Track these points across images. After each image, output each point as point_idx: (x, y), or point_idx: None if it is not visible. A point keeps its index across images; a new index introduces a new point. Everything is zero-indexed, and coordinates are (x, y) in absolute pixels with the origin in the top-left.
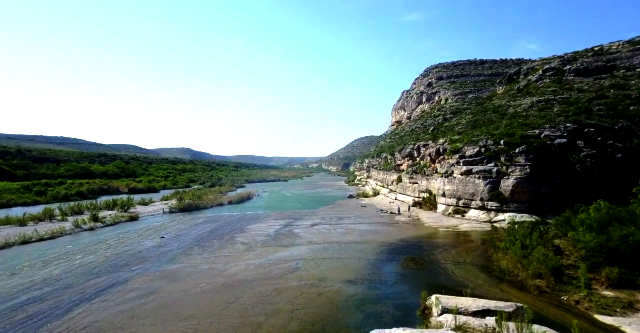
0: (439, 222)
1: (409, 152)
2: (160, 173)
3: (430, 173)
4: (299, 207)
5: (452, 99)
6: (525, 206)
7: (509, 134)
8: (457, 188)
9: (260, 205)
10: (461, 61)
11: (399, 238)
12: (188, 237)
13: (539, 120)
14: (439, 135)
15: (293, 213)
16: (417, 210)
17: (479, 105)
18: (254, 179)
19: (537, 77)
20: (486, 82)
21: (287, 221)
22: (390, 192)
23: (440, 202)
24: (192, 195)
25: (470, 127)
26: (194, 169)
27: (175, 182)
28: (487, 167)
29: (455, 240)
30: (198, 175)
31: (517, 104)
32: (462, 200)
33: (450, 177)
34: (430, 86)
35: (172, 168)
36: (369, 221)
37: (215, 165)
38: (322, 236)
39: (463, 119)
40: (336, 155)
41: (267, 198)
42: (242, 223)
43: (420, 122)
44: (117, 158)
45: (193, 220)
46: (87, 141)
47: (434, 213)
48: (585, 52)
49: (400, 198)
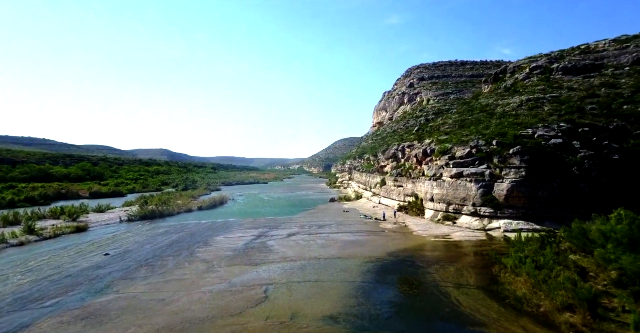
0: (428, 229)
1: (392, 153)
2: (130, 176)
3: (416, 176)
4: (276, 212)
5: (434, 100)
6: (520, 212)
7: (500, 134)
8: (446, 193)
9: (233, 210)
10: (442, 62)
11: (387, 251)
12: (139, 253)
13: (530, 119)
14: (424, 135)
15: (268, 221)
16: (404, 216)
17: (465, 104)
18: (231, 182)
19: (524, 76)
20: (467, 83)
21: (261, 230)
22: (374, 196)
23: (429, 207)
24: (158, 200)
25: (457, 127)
26: (168, 171)
27: (145, 184)
28: (479, 169)
29: (450, 253)
30: (172, 178)
31: (505, 103)
32: (452, 205)
33: (439, 180)
34: (412, 87)
35: (145, 170)
36: (353, 229)
37: (192, 167)
38: (300, 249)
39: (449, 119)
40: (317, 156)
41: (242, 202)
42: (209, 233)
43: (402, 123)
44: (85, 159)
45: (153, 230)
46: (57, 142)
47: (421, 220)
48: (571, 51)
49: (384, 202)
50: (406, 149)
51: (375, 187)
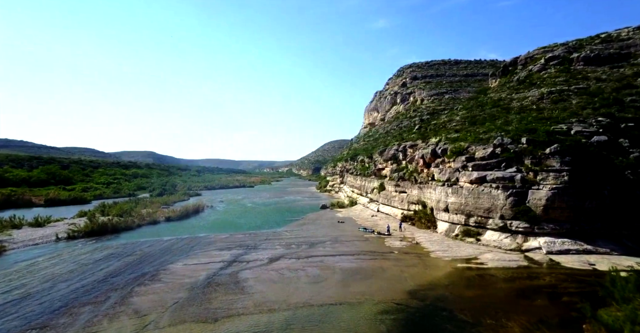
0: (448, 250)
1: (392, 154)
2: (102, 180)
3: (424, 181)
4: (258, 224)
5: (428, 100)
6: (564, 227)
7: (529, 130)
8: (465, 201)
9: (208, 222)
10: (435, 61)
11: (407, 288)
12: (41, 300)
13: (560, 113)
14: (429, 134)
15: (247, 237)
16: (411, 229)
17: (472, 99)
18: (214, 185)
19: (540, 67)
20: (462, 83)
21: (236, 252)
22: (371, 202)
23: (442, 218)
24: (118, 209)
25: (468, 124)
26: (148, 174)
27: (118, 189)
28: (507, 173)
29: (494, 290)
30: (152, 181)
31: (521, 97)
32: (473, 218)
33: (455, 185)
34: (404, 86)
35: (122, 173)
36: (353, 249)
37: (175, 170)
38: (284, 287)
39: (455, 115)
40: (307, 159)
41: (221, 210)
42: (165, 258)
43: (395, 124)
44: (55, 161)
45: (92, 253)
46: (36, 144)
47: (434, 234)
48: (590, 40)
49: (384, 210)
50: (408, 149)
51: (373, 192)
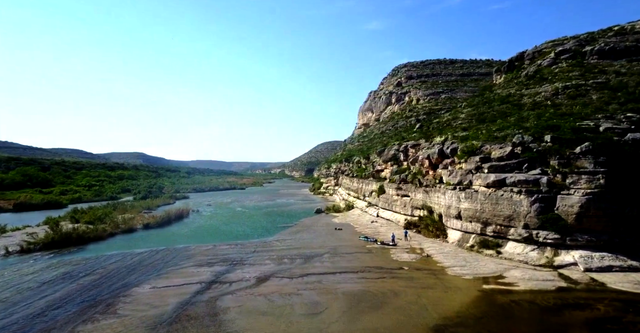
0: (466, 264)
1: (392, 155)
2: (84, 182)
3: (430, 184)
4: (246, 232)
5: (424, 99)
6: (602, 238)
7: (551, 127)
8: (481, 208)
9: (191, 229)
10: (430, 60)
11: (430, 323)
12: None
13: (580, 109)
14: (432, 132)
15: (233, 249)
16: (418, 238)
17: (477, 96)
18: (203, 188)
19: (550, 61)
20: (458, 82)
21: (218, 269)
22: (370, 206)
23: (454, 226)
24: (91, 215)
25: (475, 122)
26: (135, 176)
27: (99, 192)
28: (530, 175)
29: (543, 328)
30: (138, 183)
31: (532, 93)
32: (491, 226)
33: (469, 189)
34: (399, 86)
35: (106, 175)
36: (355, 264)
37: (163, 172)
38: (274, 322)
39: (460, 113)
40: (299, 160)
41: (208, 215)
42: (132, 277)
43: (390, 124)
44: (35, 163)
45: (44, 271)
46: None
47: (445, 244)
48: (603, 33)
49: (384, 216)
50: (410, 149)
51: (371, 195)
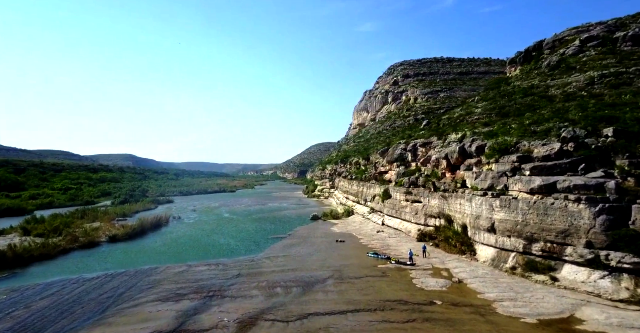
0: (516, 296)
1: (398, 154)
2: (59, 185)
3: (449, 188)
4: (231, 246)
5: (422, 98)
6: None
7: (607, 119)
8: (523, 219)
9: (166, 242)
10: (427, 59)
11: None
12: None
13: (630, 98)
14: (445, 129)
15: (213, 271)
16: (437, 252)
17: (491, 90)
18: (190, 191)
19: (576, 49)
20: (457, 81)
21: (187, 306)
22: (373, 212)
23: (485, 241)
24: (48, 225)
25: (497, 116)
26: (119, 178)
27: (75, 196)
28: (590, 179)
29: None
30: (120, 186)
31: (561, 83)
32: (538, 243)
33: (505, 196)
34: (396, 85)
35: (87, 177)
36: (371, 298)
37: (151, 173)
38: None
39: (474, 108)
40: (292, 161)
41: (190, 223)
42: (60, 324)
43: (387, 124)
44: (9, 164)
45: None
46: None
47: (474, 263)
48: (632, 18)
49: (391, 224)
50: (419, 148)
51: (374, 200)
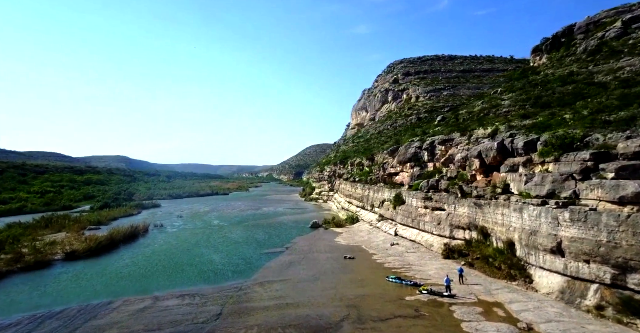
0: None
1: (412, 153)
2: (36, 188)
3: (487, 195)
4: (215, 265)
5: (424, 97)
6: None
7: None
8: (609, 239)
9: (136, 260)
10: (428, 56)
11: None
12: None
13: None
14: (468, 124)
15: (184, 307)
16: (476, 276)
17: (516, 80)
18: (181, 194)
19: (618, 32)
20: (460, 79)
21: None
22: (383, 220)
23: (547, 265)
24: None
25: (533, 107)
26: (106, 181)
27: (52, 200)
28: None
29: None
30: (106, 189)
31: (608, 69)
32: (637, 275)
33: (576, 207)
34: (396, 83)
35: (72, 179)
36: None
37: (141, 175)
38: None
39: (499, 100)
40: (287, 163)
41: (172, 233)
42: None
43: (388, 123)
44: None
45: None
46: None
47: (534, 296)
48: None
49: (406, 235)
50: (438, 146)
51: (382, 206)
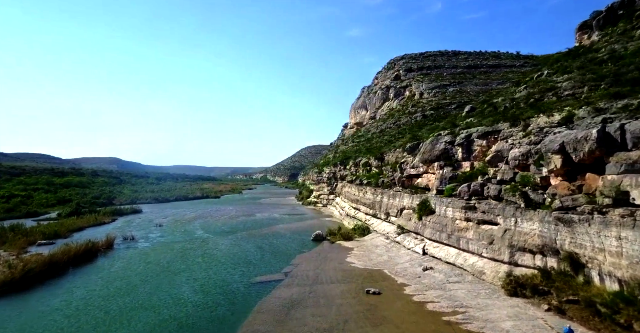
0: None
1: (441, 150)
2: (2, 192)
3: (578, 207)
4: (186, 307)
5: (428, 93)
6: None
7: None
8: None
9: (74, 298)
10: (431, 52)
11: None
12: None
13: None
14: (521, 112)
15: None
16: None
17: (565, 61)
18: (168, 197)
19: None
20: (466, 75)
21: None
22: (404, 234)
23: None
24: None
25: (616, 85)
26: (88, 183)
27: (18, 205)
28: None
29: None
30: (88, 192)
31: None
32: None
33: None
34: (398, 79)
35: (49, 181)
36: None
37: (129, 178)
38: None
39: (550, 83)
40: (282, 165)
41: (143, 248)
42: None
43: (391, 121)
44: None
45: None
46: None
47: None
48: None
49: (441, 255)
50: (477, 140)
51: (400, 215)
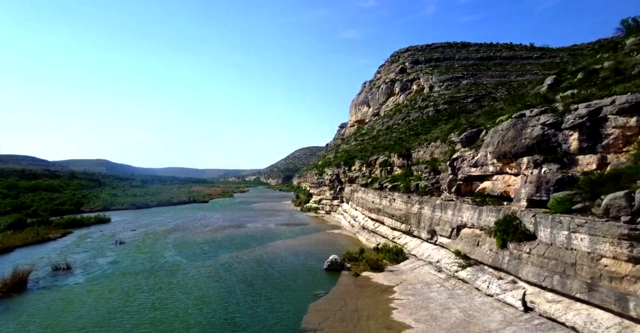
0: None
1: (536, 137)
2: None
3: None
4: None
5: (440, 86)
6: None
7: None
8: None
9: None
10: (438, 43)
11: None
12: None
13: None
14: None
15: None
16: None
17: None
18: (148, 203)
19: None
20: (480, 66)
21: None
22: (472, 267)
23: None
24: None
25: None
26: (61, 186)
27: None
28: None
29: None
30: (56, 196)
31: None
32: None
33: None
34: (404, 72)
35: (13, 185)
36: None
37: (111, 180)
38: None
39: None
40: (276, 166)
41: (74, 286)
42: None
43: (399, 117)
44: None
45: None
46: None
47: None
48: None
49: (563, 317)
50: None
51: (459, 237)
